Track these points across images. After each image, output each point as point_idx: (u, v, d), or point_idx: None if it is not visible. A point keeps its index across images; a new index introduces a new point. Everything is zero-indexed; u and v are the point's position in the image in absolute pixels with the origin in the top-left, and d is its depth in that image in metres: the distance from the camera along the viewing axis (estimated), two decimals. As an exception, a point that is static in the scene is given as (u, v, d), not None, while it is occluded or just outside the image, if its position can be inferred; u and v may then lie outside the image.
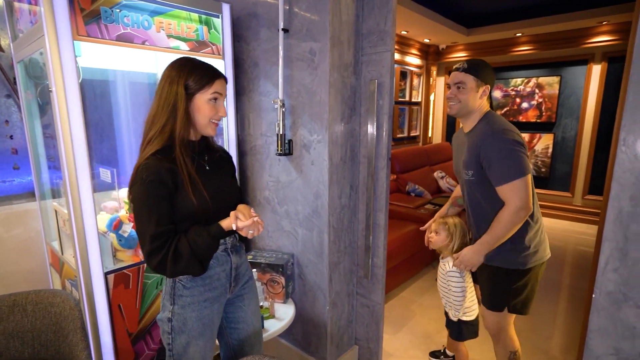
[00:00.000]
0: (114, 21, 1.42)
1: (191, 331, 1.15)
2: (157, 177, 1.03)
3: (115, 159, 2.19)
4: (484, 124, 1.51)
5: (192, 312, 1.15)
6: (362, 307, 1.96)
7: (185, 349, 1.16)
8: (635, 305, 0.97)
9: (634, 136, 0.94)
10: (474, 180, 1.52)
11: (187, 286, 1.14)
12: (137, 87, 2.25)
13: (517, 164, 1.40)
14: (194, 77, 1.08)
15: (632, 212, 0.95)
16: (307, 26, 1.63)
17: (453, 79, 1.52)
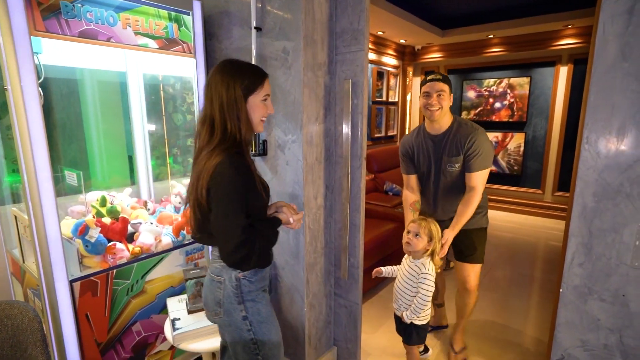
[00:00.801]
0: (76, 16, 1.36)
1: (267, 318, 1.22)
2: (243, 170, 1.07)
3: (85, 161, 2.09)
4: (462, 123, 1.84)
5: (261, 301, 1.21)
6: (340, 308, 1.95)
7: (268, 335, 1.21)
8: (599, 299, 1.01)
9: (595, 135, 0.96)
10: (459, 171, 1.83)
11: (252, 280, 1.19)
12: (107, 87, 2.17)
13: (491, 155, 1.81)
14: (247, 79, 1.12)
15: (595, 207, 0.98)
16: (280, 25, 1.60)
17: (434, 87, 1.78)
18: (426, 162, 1.93)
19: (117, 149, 2.26)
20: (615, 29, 0.91)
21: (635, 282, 0.95)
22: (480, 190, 1.80)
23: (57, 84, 1.92)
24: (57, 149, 1.95)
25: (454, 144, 1.81)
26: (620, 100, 0.92)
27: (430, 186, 1.95)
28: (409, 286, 1.71)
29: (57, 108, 1.93)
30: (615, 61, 0.92)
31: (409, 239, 1.68)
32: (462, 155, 1.79)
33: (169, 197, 2.24)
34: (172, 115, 2.39)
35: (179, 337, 1.52)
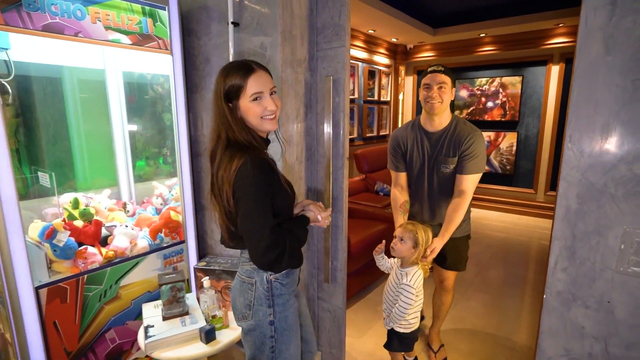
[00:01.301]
0: (39, 9, 1.29)
1: (292, 326, 1.17)
2: (265, 169, 1.04)
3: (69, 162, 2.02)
4: (461, 123, 1.75)
5: (290, 308, 1.16)
6: (323, 312, 1.90)
7: (288, 346, 1.16)
8: (583, 305, 0.95)
9: (579, 133, 0.91)
10: (451, 172, 1.74)
11: (283, 283, 1.15)
12: (88, 85, 2.09)
13: (485, 160, 1.72)
14: (229, 85, 1.08)
15: (578, 210, 0.93)
16: (258, 19, 1.54)
17: (435, 79, 1.67)
18: (420, 160, 1.81)
19: (100, 149, 2.19)
20: (598, 21, 0.86)
21: (620, 288, 0.90)
22: (470, 195, 1.71)
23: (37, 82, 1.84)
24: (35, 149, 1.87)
25: (452, 143, 1.71)
26: (604, 96, 0.87)
27: (423, 187, 1.84)
28: (392, 292, 1.65)
29: (36, 107, 1.86)
30: (598, 54, 0.87)
31: (394, 244, 1.60)
32: (458, 156, 1.70)
33: (150, 198, 2.17)
34: (161, 114, 2.32)
35: (152, 345, 1.45)
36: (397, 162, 1.89)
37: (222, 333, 1.57)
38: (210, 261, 1.81)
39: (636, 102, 0.84)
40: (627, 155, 0.86)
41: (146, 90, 2.27)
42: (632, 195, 0.86)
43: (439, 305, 2.06)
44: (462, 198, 1.69)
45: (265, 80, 1.11)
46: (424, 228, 1.59)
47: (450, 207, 1.72)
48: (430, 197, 1.84)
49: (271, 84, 1.13)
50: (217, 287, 1.73)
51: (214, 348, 1.49)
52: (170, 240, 1.88)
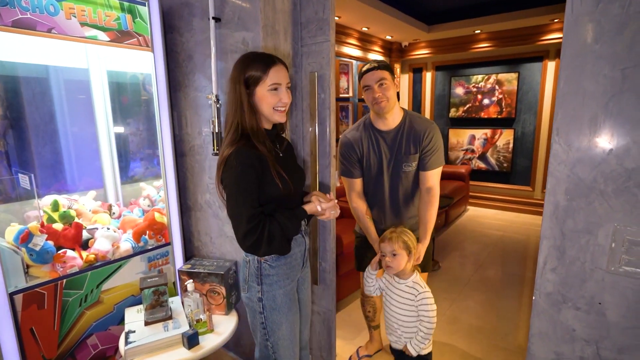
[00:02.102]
0: (7, 4, 1.24)
1: (282, 307, 1.25)
2: (249, 161, 1.11)
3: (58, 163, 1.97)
4: (415, 117, 1.68)
5: (279, 289, 1.24)
6: (313, 315, 1.85)
7: (279, 325, 1.25)
8: (574, 307, 0.91)
9: (567, 126, 0.87)
10: (414, 170, 1.67)
11: (272, 265, 1.23)
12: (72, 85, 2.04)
13: (443, 152, 1.67)
14: (251, 72, 1.15)
15: (567, 206, 0.89)
16: (239, 14, 1.50)
17: (373, 77, 1.57)
18: (377, 163, 1.69)
19: (86, 150, 2.14)
20: (585, 7, 0.81)
21: (611, 289, 0.85)
22: (438, 189, 1.65)
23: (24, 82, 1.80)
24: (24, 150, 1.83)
25: (410, 140, 1.63)
26: (592, 87, 0.82)
27: (383, 190, 1.71)
28: (407, 312, 1.50)
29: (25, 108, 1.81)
30: (585, 43, 0.82)
31: (389, 262, 1.48)
32: (419, 153, 1.63)
33: (137, 200, 2.13)
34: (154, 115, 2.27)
35: (132, 352, 1.40)
36: (352, 167, 1.73)
37: (206, 338, 1.53)
38: (196, 264, 1.76)
39: (626, 93, 0.79)
40: (617, 149, 0.81)
41: (139, 91, 2.23)
42: (623, 191, 0.81)
43: None
44: (432, 194, 1.64)
45: (284, 74, 1.20)
46: (403, 231, 1.51)
47: (423, 207, 1.65)
48: (392, 201, 1.72)
49: (287, 79, 1.21)
50: (202, 290, 1.68)
51: (197, 354, 1.44)
52: (155, 243, 1.83)
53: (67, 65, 1.98)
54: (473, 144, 5.18)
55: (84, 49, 1.94)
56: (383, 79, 1.56)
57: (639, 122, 0.78)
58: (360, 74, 1.62)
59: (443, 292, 2.84)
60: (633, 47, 0.76)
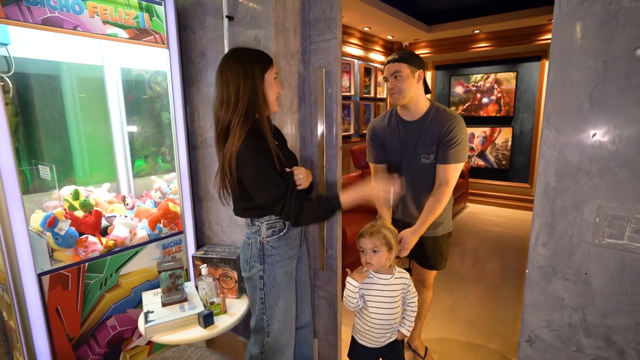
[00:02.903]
0: (38, 3, 1.33)
1: (281, 285, 1.35)
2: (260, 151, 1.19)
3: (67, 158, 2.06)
4: (440, 110, 1.68)
5: (280, 268, 1.34)
6: (319, 300, 1.94)
7: (277, 301, 1.35)
8: (562, 278, 1.00)
9: (555, 112, 0.96)
10: (432, 163, 1.66)
11: (274, 246, 1.33)
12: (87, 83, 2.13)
13: (467, 148, 1.64)
14: (259, 60, 1.23)
15: (557, 186, 0.98)
16: (251, 13, 1.59)
17: (389, 70, 1.63)
18: (397, 151, 1.72)
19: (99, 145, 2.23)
20: (571, 6, 0.91)
21: (596, 259, 0.94)
22: (452, 186, 1.62)
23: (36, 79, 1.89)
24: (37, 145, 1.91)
25: (430, 131, 1.63)
26: (578, 77, 0.92)
27: (403, 179, 1.72)
28: (395, 306, 1.45)
29: (37, 104, 1.90)
30: (572, 38, 0.91)
31: (369, 260, 1.40)
32: (437, 145, 1.62)
33: (149, 192, 2.22)
34: (160, 113, 2.36)
35: (152, 329, 1.50)
36: (377, 152, 1.79)
37: (220, 318, 1.62)
38: (208, 250, 1.85)
39: (607, 82, 0.88)
40: (600, 133, 0.90)
41: (144, 89, 2.31)
42: (605, 171, 0.90)
43: (421, 303, 1.94)
44: (445, 188, 1.60)
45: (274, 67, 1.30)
46: (384, 226, 1.43)
47: (431, 198, 1.63)
48: (413, 192, 1.72)
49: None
50: (215, 275, 1.77)
51: (212, 332, 1.53)
52: (169, 231, 1.92)
53: (84, 62, 2.07)
54: (472, 142, 5.27)
55: (99, 46, 2.03)
56: (397, 71, 1.58)
57: (619, 109, 0.87)
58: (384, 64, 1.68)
59: (443, 283, 2.93)
60: (613, 41, 0.85)
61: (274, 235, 1.33)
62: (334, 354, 1.95)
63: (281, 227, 1.35)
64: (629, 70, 0.85)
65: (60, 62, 1.95)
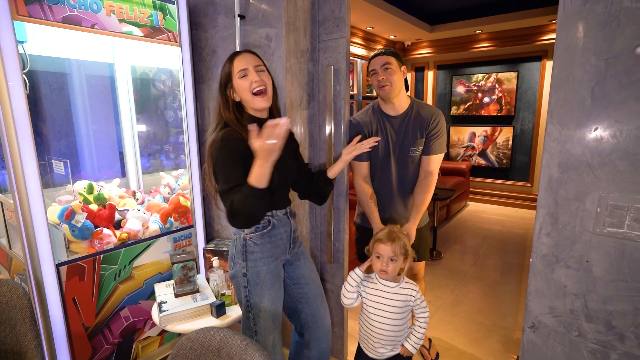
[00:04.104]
0: (59, 2, 1.38)
1: (265, 282, 1.30)
2: (233, 145, 1.17)
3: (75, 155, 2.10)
4: (422, 104, 1.72)
5: (263, 266, 1.30)
6: (326, 292, 1.98)
7: (261, 298, 1.31)
8: (565, 266, 1.05)
9: (559, 108, 1.01)
10: (418, 156, 1.71)
11: (257, 243, 1.29)
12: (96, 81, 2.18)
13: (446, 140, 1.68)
14: (223, 72, 1.27)
15: (560, 178, 1.03)
16: (263, 12, 1.64)
17: (378, 62, 1.62)
18: (384, 147, 1.70)
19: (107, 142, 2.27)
20: (574, 6, 0.96)
21: (597, 248, 0.99)
22: (436, 176, 1.69)
23: (45, 76, 1.93)
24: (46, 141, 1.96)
25: (417, 125, 1.66)
26: (581, 74, 0.96)
27: (390, 176, 1.73)
28: (397, 317, 1.37)
29: (47, 101, 1.95)
30: (575, 37, 0.96)
31: (384, 267, 1.34)
32: (425, 137, 1.67)
33: (158, 188, 2.26)
34: (164, 112, 2.40)
35: (166, 319, 1.54)
36: None
37: (231, 309, 1.66)
38: (218, 243, 1.90)
39: (609, 79, 0.93)
40: (601, 127, 0.95)
41: (148, 87, 2.35)
42: (606, 163, 0.95)
43: None
44: (431, 179, 1.68)
45: (249, 59, 1.26)
46: (401, 232, 1.38)
47: (420, 189, 1.68)
48: (400, 186, 1.74)
49: (255, 62, 1.26)
50: (225, 267, 1.82)
51: (224, 322, 1.58)
52: (180, 225, 1.97)
53: (95, 60, 2.11)
54: (473, 141, 5.32)
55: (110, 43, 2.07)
56: (388, 63, 1.59)
57: (619, 104, 0.92)
58: (368, 60, 1.68)
59: (445, 279, 2.98)
60: (614, 40, 0.90)
61: (257, 231, 1.28)
62: (341, 346, 2.00)
63: (265, 224, 1.29)
64: (629, 67, 0.90)
65: (70, 59, 1.99)
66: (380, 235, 1.37)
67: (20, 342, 1.19)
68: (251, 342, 0.85)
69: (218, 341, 0.89)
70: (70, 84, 2.04)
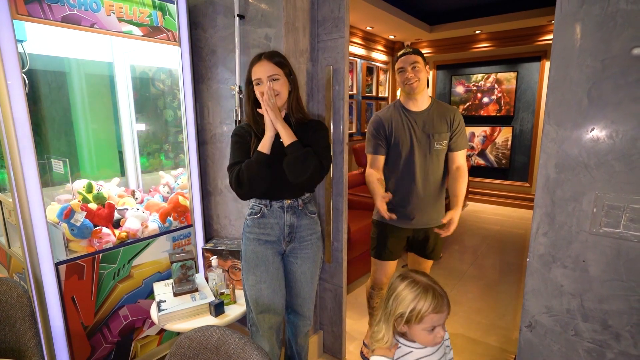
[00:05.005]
0: (59, 1, 1.38)
1: (250, 261, 1.44)
2: (237, 131, 1.42)
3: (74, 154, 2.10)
4: (441, 102, 1.82)
5: (250, 246, 1.44)
6: (325, 292, 1.99)
7: (248, 275, 1.45)
8: (562, 266, 1.05)
9: (556, 108, 1.01)
10: (444, 150, 1.78)
11: (249, 224, 1.45)
12: (95, 80, 2.18)
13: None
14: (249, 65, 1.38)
15: (557, 178, 1.03)
16: (262, 12, 1.64)
17: (407, 61, 1.70)
18: (408, 142, 1.74)
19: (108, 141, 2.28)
20: (571, 8, 0.96)
21: (593, 248, 1.00)
22: (466, 168, 1.79)
23: (45, 76, 1.93)
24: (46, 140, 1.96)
25: (440, 119, 1.73)
26: (578, 75, 0.97)
27: (415, 171, 1.74)
28: None
29: (46, 100, 1.95)
30: (572, 38, 0.97)
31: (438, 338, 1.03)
32: (449, 132, 1.75)
33: (157, 187, 2.27)
34: (163, 111, 2.41)
35: (164, 318, 1.55)
36: (379, 143, 1.78)
37: (230, 308, 1.67)
38: (217, 243, 1.90)
39: (605, 80, 0.93)
40: (598, 128, 0.96)
41: (148, 87, 2.35)
42: (603, 164, 0.96)
43: None
44: (462, 171, 1.78)
45: (265, 68, 1.32)
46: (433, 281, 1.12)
47: (454, 182, 1.78)
48: (423, 182, 1.75)
49: (271, 72, 1.32)
50: (224, 267, 1.82)
51: (223, 321, 1.59)
52: (179, 224, 1.98)
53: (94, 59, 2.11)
54: (473, 141, 5.33)
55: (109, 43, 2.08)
56: (416, 62, 1.69)
57: (615, 105, 0.93)
58: (396, 58, 1.76)
59: (444, 278, 2.99)
60: (610, 42, 0.91)
61: (251, 215, 1.44)
62: (339, 345, 2.00)
63: (257, 210, 1.43)
64: (625, 68, 0.90)
65: (70, 58, 2.00)
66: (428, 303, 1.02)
67: (19, 341, 1.19)
68: (249, 341, 0.86)
69: (216, 340, 0.89)
70: (69, 82, 2.04)
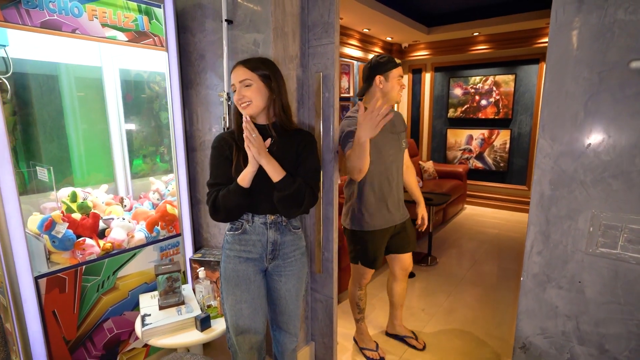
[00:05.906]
0: (37, 6, 1.33)
1: (230, 280, 1.36)
2: (215, 143, 1.35)
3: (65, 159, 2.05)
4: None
5: (230, 264, 1.36)
6: (315, 302, 1.95)
7: (227, 295, 1.37)
8: (557, 286, 1.01)
9: (551, 122, 0.97)
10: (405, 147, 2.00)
11: (229, 240, 1.38)
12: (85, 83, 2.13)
13: None
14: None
15: (552, 195, 0.99)
16: (251, 17, 1.59)
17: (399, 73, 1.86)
18: (385, 139, 1.86)
19: (97, 146, 2.23)
20: (566, 18, 0.92)
21: (589, 268, 0.95)
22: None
23: (36, 79, 1.88)
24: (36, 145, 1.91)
25: (399, 120, 1.98)
26: (573, 87, 0.92)
27: (392, 166, 1.92)
28: None
29: (34, 104, 1.90)
30: (567, 49, 0.92)
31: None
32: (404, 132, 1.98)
33: (147, 193, 2.22)
34: (158, 113, 2.36)
35: (148, 333, 1.50)
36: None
37: (217, 322, 1.62)
38: (206, 253, 1.86)
39: (602, 93, 0.89)
40: (595, 143, 0.91)
41: (143, 89, 2.31)
42: (599, 181, 0.91)
43: (400, 292, 2.17)
44: (413, 168, 2.10)
45: (238, 73, 1.30)
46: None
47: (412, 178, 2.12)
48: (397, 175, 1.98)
49: (242, 77, 1.29)
50: (212, 278, 1.78)
51: (209, 335, 1.54)
52: (167, 233, 1.93)
53: (82, 64, 2.06)
54: (470, 143, 5.28)
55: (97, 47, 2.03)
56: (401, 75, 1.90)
57: (613, 119, 0.88)
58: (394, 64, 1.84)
59: (441, 285, 2.95)
60: (607, 53, 0.86)
61: (231, 231, 1.38)
62: (330, 356, 1.96)
63: (238, 226, 1.36)
64: (623, 81, 0.86)
65: (59, 62, 1.95)
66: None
67: (-8, 361, 1.15)
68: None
69: (191, 368, 0.84)
70: (60, 86, 2.00)
